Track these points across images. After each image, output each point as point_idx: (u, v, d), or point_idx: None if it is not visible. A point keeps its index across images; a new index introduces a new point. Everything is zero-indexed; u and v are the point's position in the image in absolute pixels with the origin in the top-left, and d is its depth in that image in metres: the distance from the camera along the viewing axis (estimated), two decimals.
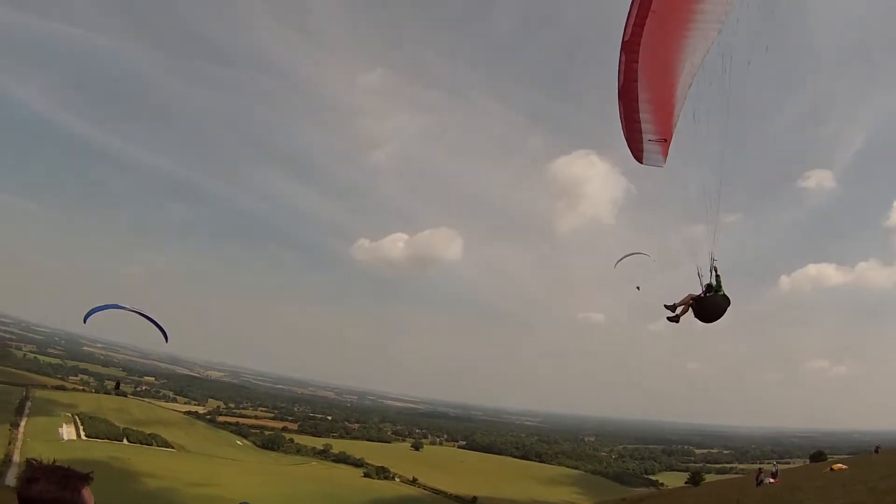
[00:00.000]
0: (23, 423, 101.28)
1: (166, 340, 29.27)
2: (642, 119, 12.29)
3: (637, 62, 11.52)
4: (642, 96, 12.05)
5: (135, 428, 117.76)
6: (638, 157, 13.00)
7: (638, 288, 19.38)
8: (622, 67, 11.68)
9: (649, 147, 12.60)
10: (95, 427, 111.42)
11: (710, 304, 12.91)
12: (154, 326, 27.67)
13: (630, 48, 11.29)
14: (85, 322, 27.49)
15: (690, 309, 12.93)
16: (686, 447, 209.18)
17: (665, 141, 12.48)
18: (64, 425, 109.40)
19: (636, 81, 11.77)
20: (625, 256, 19.86)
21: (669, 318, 13.08)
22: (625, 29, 11.09)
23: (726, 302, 12.99)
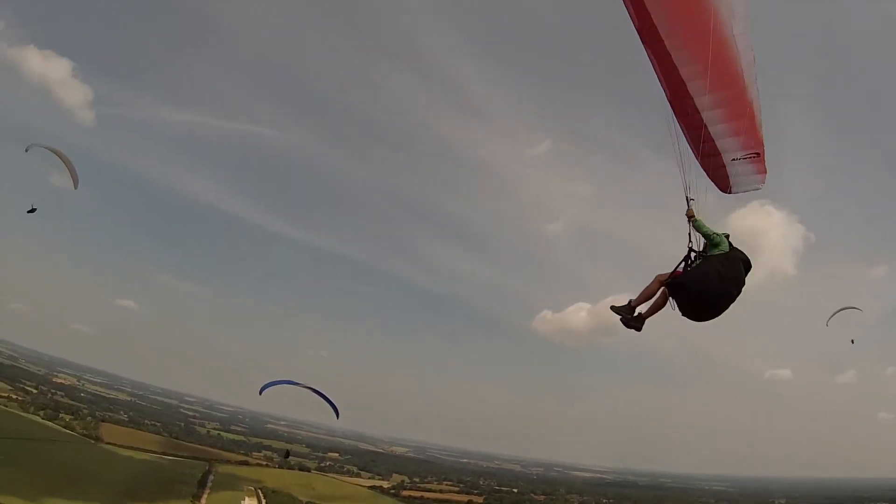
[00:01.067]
0: (205, 497, 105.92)
1: (337, 416, 30.41)
2: (713, 132, 9.55)
3: (669, 52, 8.83)
4: (702, 100, 9.21)
5: (318, 502, 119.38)
6: (723, 185, 10.27)
7: (853, 342, 17.60)
8: (655, 64, 9.09)
9: (737, 168, 9.83)
10: (278, 501, 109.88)
11: (697, 280, 8.60)
12: (327, 403, 28.65)
13: (650, 35, 8.71)
14: (261, 394, 28.98)
15: (669, 302, 8.91)
16: None
17: (757, 155, 9.59)
18: (246, 498, 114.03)
19: (685, 81, 9.07)
20: (836, 312, 17.67)
21: (626, 322, 9.21)
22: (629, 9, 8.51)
23: (731, 265, 8.52)
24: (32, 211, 34.77)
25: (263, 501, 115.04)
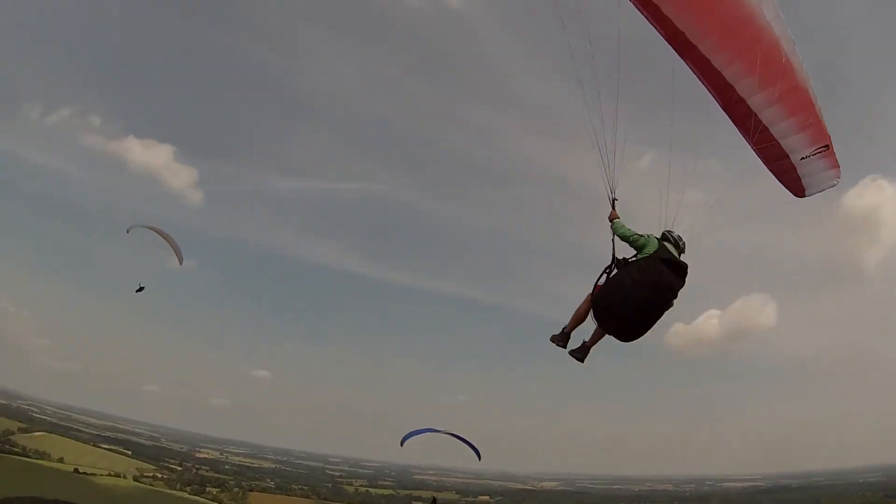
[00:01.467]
0: None
1: (479, 458, 30.38)
2: (776, 132, 8.49)
3: (707, 57, 7.88)
4: (755, 100, 8.24)
5: None
6: (796, 189, 9.32)
7: None
8: (698, 74, 8.23)
9: (808, 167, 8.83)
10: None
11: (607, 293, 7.36)
12: (468, 447, 29.24)
13: (681, 43, 7.82)
14: (402, 445, 28.91)
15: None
16: None
17: (827, 147, 8.55)
18: None
19: (731, 84, 8.09)
20: None
21: (573, 354, 7.83)
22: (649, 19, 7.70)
23: (650, 268, 7.12)
24: (140, 290, 36.16)
25: None
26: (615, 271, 7.61)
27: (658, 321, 7.41)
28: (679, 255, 7.58)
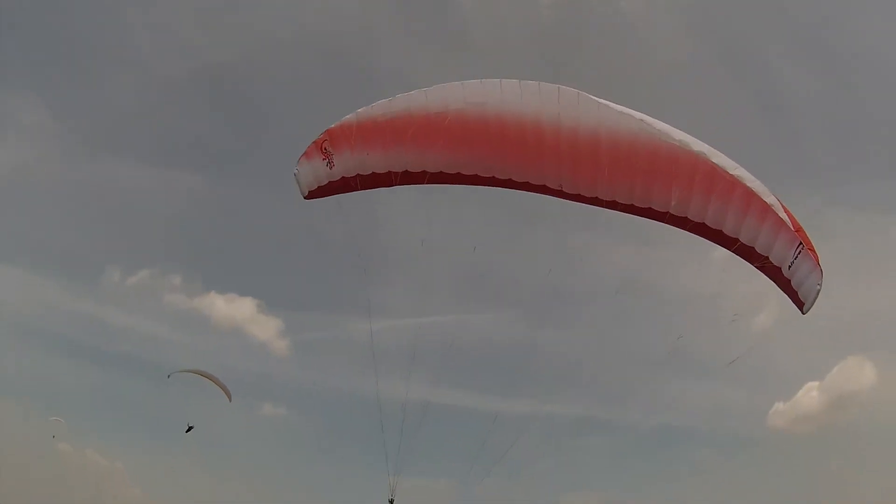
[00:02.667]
0: None
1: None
2: (760, 248, 9.12)
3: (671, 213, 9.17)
4: (729, 227, 9.11)
5: None
6: (798, 304, 9.28)
7: None
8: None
9: (796, 275, 8.93)
10: None
11: None
12: None
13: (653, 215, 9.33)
14: None
15: None
16: None
17: (801, 246, 8.70)
18: None
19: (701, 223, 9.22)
20: None
21: None
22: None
23: None
24: (190, 430, 37.34)
25: None
26: None
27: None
28: None
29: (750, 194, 8.69)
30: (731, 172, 8.69)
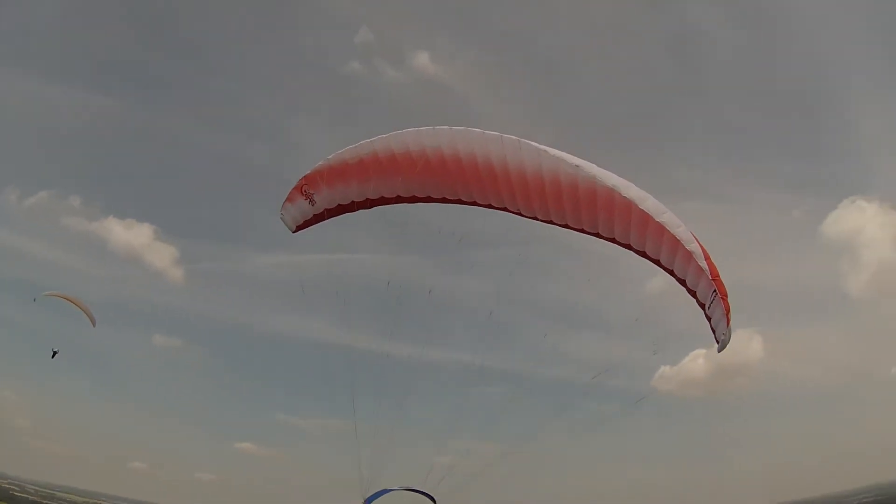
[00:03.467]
0: None
1: (434, 502, 32.63)
2: (689, 284, 10.58)
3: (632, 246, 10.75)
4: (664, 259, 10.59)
5: None
6: (715, 338, 10.84)
7: None
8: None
9: (712, 315, 10.49)
10: None
11: None
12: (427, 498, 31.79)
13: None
14: None
15: None
16: None
17: (714, 293, 10.17)
18: None
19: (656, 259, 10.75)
20: None
21: None
22: None
23: None
24: (55, 355, 36.78)
25: None
26: None
27: None
28: None
29: (675, 241, 10.28)
30: (657, 219, 10.23)
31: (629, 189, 10.32)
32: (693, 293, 10.65)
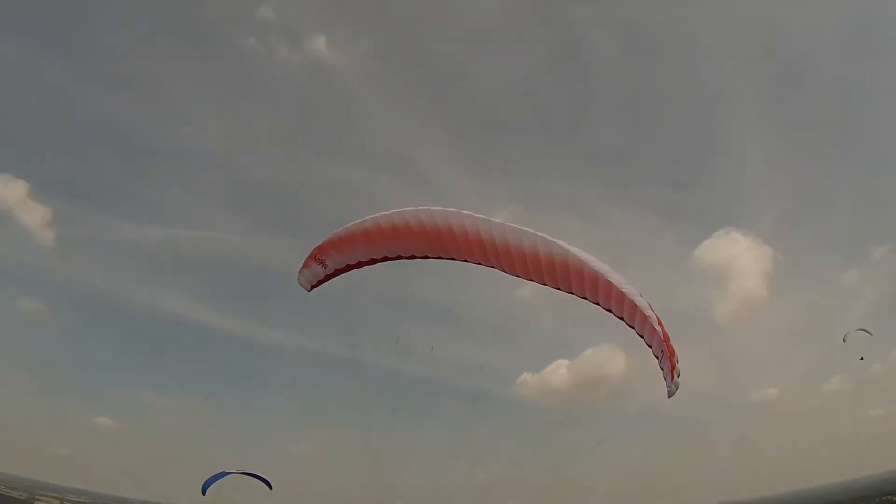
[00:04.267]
0: None
1: (270, 488, 31.88)
2: (645, 336, 12.91)
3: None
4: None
5: None
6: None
7: (861, 359, 19.79)
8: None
9: (663, 369, 12.78)
10: None
11: None
12: (261, 481, 31.14)
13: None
14: (204, 494, 29.06)
15: None
16: (887, 497, 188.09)
17: (662, 353, 12.57)
18: None
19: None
20: (850, 332, 19.90)
21: None
22: None
23: None
24: None
25: None
26: None
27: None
28: None
29: (634, 306, 12.58)
30: (621, 288, 12.55)
31: (596, 262, 12.75)
32: (650, 346, 12.95)
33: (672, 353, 12.52)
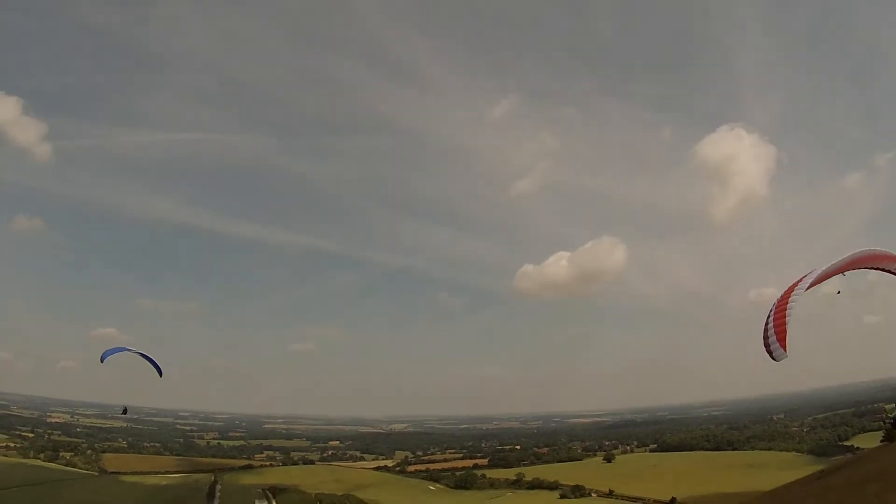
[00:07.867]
0: None
1: (160, 375, 32.77)
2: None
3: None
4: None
5: (327, 492, 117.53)
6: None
7: (839, 292, 21.43)
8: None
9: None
10: (289, 499, 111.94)
11: None
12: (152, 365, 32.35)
13: None
14: (102, 362, 31.70)
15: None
16: (877, 405, 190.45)
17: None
18: (256, 502, 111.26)
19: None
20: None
21: None
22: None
23: None
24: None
25: (274, 502, 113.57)
26: None
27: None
28: None
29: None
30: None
31: None
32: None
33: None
